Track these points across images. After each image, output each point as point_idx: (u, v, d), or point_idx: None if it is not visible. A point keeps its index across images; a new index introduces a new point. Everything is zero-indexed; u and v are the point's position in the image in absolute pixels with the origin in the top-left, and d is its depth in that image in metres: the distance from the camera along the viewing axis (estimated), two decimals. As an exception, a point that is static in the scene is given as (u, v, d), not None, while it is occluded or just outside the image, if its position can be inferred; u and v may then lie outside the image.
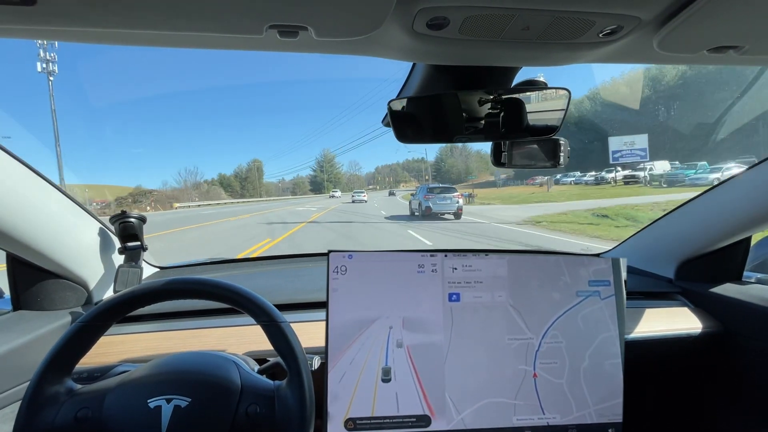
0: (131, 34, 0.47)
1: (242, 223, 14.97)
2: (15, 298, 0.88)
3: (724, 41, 0.51)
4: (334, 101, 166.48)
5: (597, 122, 37.27)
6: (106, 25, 0.43)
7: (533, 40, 0.52)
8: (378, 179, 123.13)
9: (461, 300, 0.71)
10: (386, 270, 0.70)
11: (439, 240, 9.10)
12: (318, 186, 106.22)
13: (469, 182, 61.89)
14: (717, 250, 1.06)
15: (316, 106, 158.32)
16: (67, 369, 0.57)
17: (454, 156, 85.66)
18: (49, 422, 0.54)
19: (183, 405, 0.55)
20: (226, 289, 0.62)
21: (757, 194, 0.89)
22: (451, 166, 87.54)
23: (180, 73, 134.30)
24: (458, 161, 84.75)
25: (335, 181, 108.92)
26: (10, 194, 0.72)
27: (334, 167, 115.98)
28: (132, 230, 0.99)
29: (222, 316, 0.97)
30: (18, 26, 0.43)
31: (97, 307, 0.59)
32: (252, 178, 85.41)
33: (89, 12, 0.41)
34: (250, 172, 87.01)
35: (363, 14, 0.43)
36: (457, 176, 79.27)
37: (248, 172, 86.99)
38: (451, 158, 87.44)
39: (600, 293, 0.74)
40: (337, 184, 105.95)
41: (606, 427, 0.72)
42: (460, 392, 0.69)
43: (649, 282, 1.19)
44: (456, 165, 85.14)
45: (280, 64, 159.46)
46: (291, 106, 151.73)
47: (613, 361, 0.73)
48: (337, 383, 0.66)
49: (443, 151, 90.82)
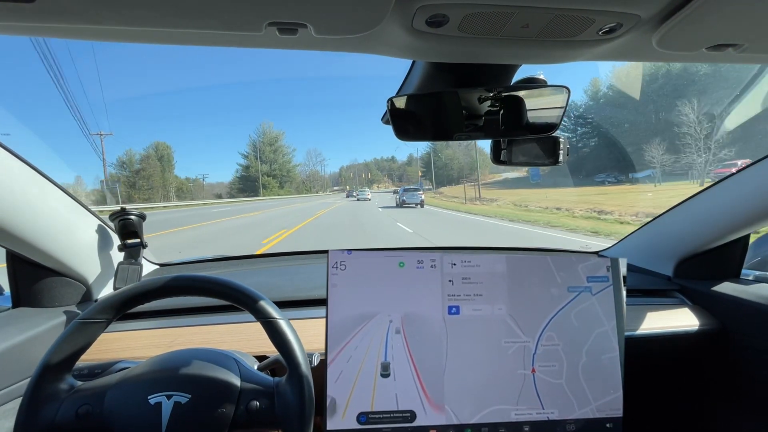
0: (130, 32, 0.47)
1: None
2: (15, 295, 0.88)
3: (723, 39, 0.51)
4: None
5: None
6: (105, 23, 0.43)
7: (533, 38, 0.52)
8: (345, 179, 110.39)
9: (461, 313, 0.71)
10: (385, 266, 0.70)
11: (400, 215, 15.44)
12: (250, 185, 67.43)
13: (473, 180, 46.13)
14: (715, 248, 1.06)
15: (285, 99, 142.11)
16: (69, 365, 0.58)
17: (451, 147, 62.74)
18: (50, 418, 0.54)
19: (183, 401, 0.56)
20: (227, 287, 0.62)
21: (755, 192, 0.89)
22: (449, 158, 69.58)
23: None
24: (458, 152, 66.02)
25: (282, 178, 70.81)
26: (10, 192, 0.72)
27: (281, 154, 71.19)
28: (132, 227, 1.00)
29: (222, 313, 0.97)
30: (17, 23, 0.43)
31: (98, 304, 0.60)
32: (149, 173, 51.77)
33: (87, 9, 0.41)
34: (146, 162, 52.65)
35: (362, 12, 0.43)
36: (459, 171, 63.34)
37: (144, 162, 52.78)
38: (448, 149, 67.53)
39: (591, 289, 0.74)
40: (284, 182, 71.00)
41: (605, 422, 0.72)
42: (459, 393, 0.69)
43: (647, 279, 1.19)
44: (456, 158, 67.24)
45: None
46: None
47: (610, 355, 0.73)
48: (336, 378, 0.67)
49: (439, 144, 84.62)
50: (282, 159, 71.25)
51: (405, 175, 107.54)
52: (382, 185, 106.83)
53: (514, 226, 12.15)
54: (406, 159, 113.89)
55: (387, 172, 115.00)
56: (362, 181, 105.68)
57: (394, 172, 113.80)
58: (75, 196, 0.90)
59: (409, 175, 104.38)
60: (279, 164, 70.76)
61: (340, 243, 8.52)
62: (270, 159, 70.14)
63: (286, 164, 72.51)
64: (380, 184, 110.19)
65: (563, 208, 16.56)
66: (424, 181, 63.24)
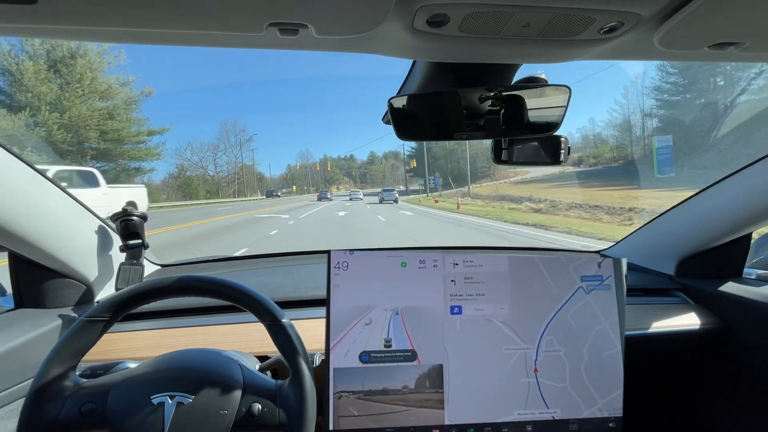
0: (131, 32, 0.47)
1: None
2: (17, 296, 0.88)
3: (724, 38, 0.51)
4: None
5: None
6: (106, 24, 0.44)
7: (533, 38, 0.52)
8: (292, 178, 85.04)
9: (463, 312, 0.71)
10: (387, 266, 0.70)
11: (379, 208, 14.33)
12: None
13: (483, 180, 40.58)
14: (717, 247, 1.06)
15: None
16: (73, 363, 0.58)
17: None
18: (53, 415, 0.54)
19: (186, 402, 0.56)
20: (230, 288, 0.62)
21: (757, 191, 0.89)
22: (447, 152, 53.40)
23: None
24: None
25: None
26: (12, 192, 0.72)
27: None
28: (134, 228, 1.00)
29: (224, 314, 0.97)
30: (19, 25, 0.43)
31: (103, 302, 0.60)
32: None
33: (88, 11, 0.41)
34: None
35: (363, 12, 0.43)
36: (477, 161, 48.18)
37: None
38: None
39: (584, 288, 0.74)
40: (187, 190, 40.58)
41: (607, 421, 0.72)
42: (460, 394, 0.69)
43: (649, 278, 1.19)
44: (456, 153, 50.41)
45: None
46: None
47: (610, 351, 0.73)
48: (340, 360, 0.68)
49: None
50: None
51: (368, 175, 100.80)
52: (342, 186, 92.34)
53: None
54: (366, 158, 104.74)
55: (346, 171, 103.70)
56: (316, 184, 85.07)
57: (356, 172, 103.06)
58: (76, 197, 0.90)
59: (373, 174, 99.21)
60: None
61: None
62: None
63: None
64: (339, 184, 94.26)
65: None
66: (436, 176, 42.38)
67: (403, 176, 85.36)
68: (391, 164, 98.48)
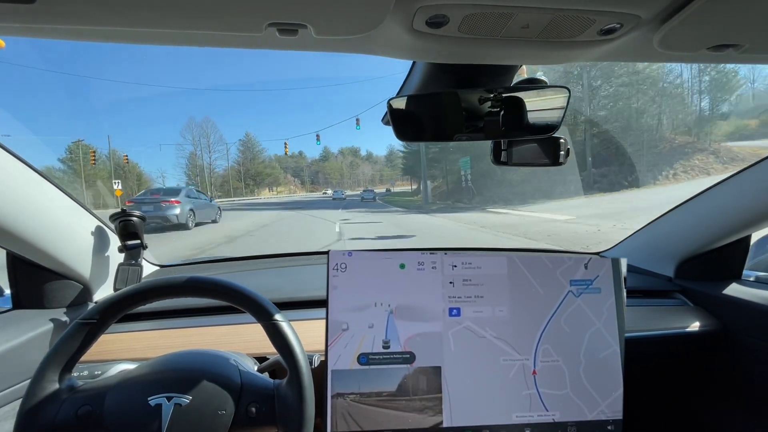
0: (130, 32, 0.47)
1: None
2: (15, 296, 0.88)
3: (724, 39, 0.51)
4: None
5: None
6: (105, 24, 0.43)
7: (533, 39, 0.52)
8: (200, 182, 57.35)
9: (461, 314, 0.71)
10: (386, 267, 0.70)
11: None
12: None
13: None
14: (717, 249, 1.06)
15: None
16: (69, 366, 0.58)
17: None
18: (50, 419, 0.54)
19: (183, 403, 0.56)
20: (228, 288, 0.62)
21: (757, 192, 0.89)
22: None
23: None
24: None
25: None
26: (11, 192, 0.72)
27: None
28: (132, 228, 1.00)
29: (222, 315, 0.97)
30: (17, 24, 0.43)
31: (98, 304, 0.59)
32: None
33: (87, 10, 0.41)
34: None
35: (363, 12, 0.43)
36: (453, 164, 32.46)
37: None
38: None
39: (573, 291, 0.74)
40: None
41: (606, 424, 0.72)
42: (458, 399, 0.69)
43: (648, 280, 1.19)
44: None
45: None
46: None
47: (607, 352, 0.73)
48: (336, 360, 0.68)
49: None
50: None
51: (321, 173, 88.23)
52: (285, 188, 74.93)
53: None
54: (319, 155, 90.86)
55: (293, 170, 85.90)
56: (243, 187, 66.35)
57: (304, 170, 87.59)
58: (75, 197, 0.90)
59: (327, 172, 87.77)
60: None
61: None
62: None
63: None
64: (281, 187, 74.88)
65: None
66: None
67: (365, 176, 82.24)
68: (349, 161, 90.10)
